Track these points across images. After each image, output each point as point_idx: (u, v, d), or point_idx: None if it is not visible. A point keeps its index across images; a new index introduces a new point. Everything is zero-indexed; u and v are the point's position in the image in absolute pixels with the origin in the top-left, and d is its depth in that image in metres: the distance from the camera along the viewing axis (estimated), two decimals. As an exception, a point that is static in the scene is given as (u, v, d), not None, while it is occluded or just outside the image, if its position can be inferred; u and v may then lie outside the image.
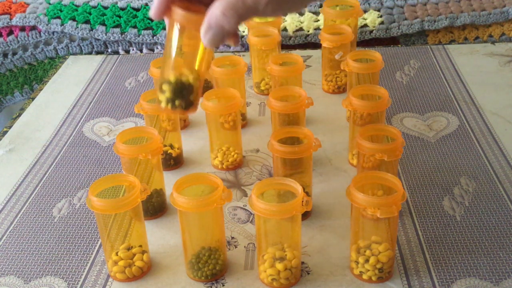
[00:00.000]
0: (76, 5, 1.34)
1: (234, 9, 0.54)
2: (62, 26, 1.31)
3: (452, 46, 1.22)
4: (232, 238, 0.76)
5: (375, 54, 0.94)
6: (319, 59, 1.18)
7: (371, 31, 1.28)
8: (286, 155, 0.74)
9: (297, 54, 0.99)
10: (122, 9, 1.33)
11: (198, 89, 0.62)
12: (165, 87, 0.61)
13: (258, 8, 0.55)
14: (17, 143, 0.99)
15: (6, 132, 1.02)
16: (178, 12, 0.58)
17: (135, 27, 1.30)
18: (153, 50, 1.33)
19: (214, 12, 0.55)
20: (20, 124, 1.04)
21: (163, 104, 0.61)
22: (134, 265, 0.71)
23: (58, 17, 1.32)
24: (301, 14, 1.30)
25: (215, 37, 0.56)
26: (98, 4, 1.34)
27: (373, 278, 0.68)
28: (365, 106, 0.83)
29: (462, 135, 0.94)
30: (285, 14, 0.58)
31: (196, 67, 0.62)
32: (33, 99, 1.12)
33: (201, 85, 0.62)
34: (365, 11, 1.31)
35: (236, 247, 0.75)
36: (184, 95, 0.61)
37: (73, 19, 1.31)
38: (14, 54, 1.36)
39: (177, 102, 0.61)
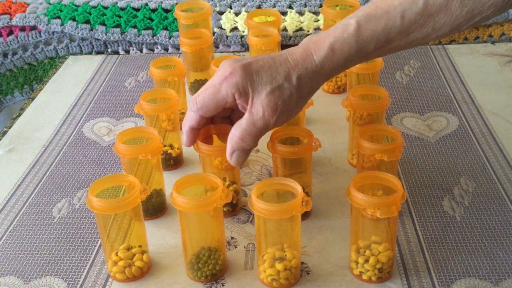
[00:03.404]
0: (76, 5, 1.34)
1: (249, 133, 0.66)
2: (62, 26, 1.31)
3: (452, 46, 1.22)
4: (232, 238, 0.76)
5: (375, 54, 0.94)
6: (319, 59, 1.18)
7: (371, 31, 1.28)
8: (286, 155, 0.74)
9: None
10: (122, 9, 1.33)
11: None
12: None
13: (268, 126, 0.66)
14: (17, 143, 0.99)
15: (6, 132, 1.02)
16: (201, 148, 0.73)
17: (135, 27, 1.30)
18: (153, 50, 1.33)
19: (234, 139, 0.67)
20: (20, 124, 1.04)
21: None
22: (134, 265, 0.71)
23: (58, 17, 1.32)
24: (301, 14, 1.30)
25: (239, 158, 0.68)
26: (98, 4, 1.33)
27: (373, 278, 0.68)
28: (365, 106, 0.83)
29: (462, 135, 0.94)
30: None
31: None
32: (33, 99, 1.12)
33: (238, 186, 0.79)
34: (365, 11, 1.31)
35: (236, 247, 0.75)
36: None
37: (73, 19, 1.31)
38: (14, 54, 1.36)
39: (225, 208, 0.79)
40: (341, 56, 0.66)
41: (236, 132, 0.67)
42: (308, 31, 1.28)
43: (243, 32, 1.29)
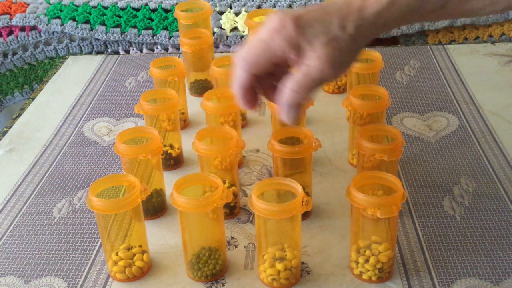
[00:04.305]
0: (76, 5, 1.34)
1: (303, 85, 0.60)
2: (62, 26, 1.31)
3: (452, 46, 1.22)
4: (232, 238, 0.76)
5: (375, 54, 0.94)
6: (319, 59, 1.18)
7: (371, 31, 1.28)
8: (286, 155, 0.74)
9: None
10: (122, 9, 1.33)
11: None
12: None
13: (324, 79, 0.61)
14: (17, 143, 0.99)
15: (6, 132, 1.02)
16: (199, 148, 0.74)
17: (135, 27, 1.30)
18: (153, 50, 1.33)
19: (287, 92, 0.61)
20: (20, 124, 1.04)
21: None
22: (134, 265, 0.71)
23: (58, 17, 1.32)
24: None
25: (295, 114, 0.62)
26: (98, 4, 1.34)
27: (373, 278, 0.68)
28: (365, 106, 0.83)
29: (462, 135, 0.94)
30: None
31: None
32: (33, 99, 1.12)
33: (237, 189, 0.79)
34: (365, 11, 1.31)
35: (236, 247, 0.75)
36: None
37: (73, 19, 1.31)
38: (14, 54, 1.36)
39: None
40: (399, 9, 0.62)
41: (290, 85, 0.61)
42: (308, 31, 1.28)
43: (243, 32, 1.29)
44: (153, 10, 1.33)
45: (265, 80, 0.65)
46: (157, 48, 1.33)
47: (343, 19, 0.61)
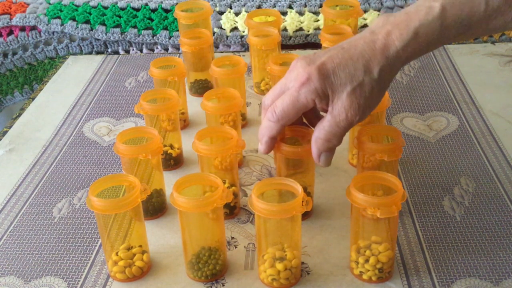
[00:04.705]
0: (76, 5, 1.34)
1: (333, 134, 0.65)
2: (62, 26, 1.31)
3: (452, 46, 1.22)
4: (232, 238, 0.76)
5: (375, 54, 0.94)
6: (319, 59, 1.18)
7: (371, 31, 1.28)
8: (290, 155, 0.73)
9: (297, 54, 0.99)
10: (122, 9, 1.33)
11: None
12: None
13: (352, 125, 0.65)
14: (17, 143, 0.99)
15: (6, 132, 1.02)
16: (199, 148, 0.74)
17: (135, 27, 1.30)
18: (153, 50, 1.33)
19: (318, 141, 0.66)
20: (20, 124, 1.04)
21: None
22: (134, 265, 0.71)
23: (58, 17, 1.32)
24: (301, 14, 1.30)
25: (327, 158, 0.68)
26: (98, 4, 1.33)
27: (373, 278, 0.68)
28: (365, 106, 0.83)
29: (462, 135, 0.94)
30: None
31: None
32: (33, 99, 1.12)
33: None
34: (365, 11, 1.31)
35: (236, 247, 0.75)
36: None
37: (73, 19, 1.31)
38: (14, 54, 1.36)
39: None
40: (424, 41, 0.62)
41: (320, 134, 0.66)
42: (308, 31, 1.28)
43: (243, 32, 1.29)
44: (153, 10, 1.33)
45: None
46: (157, 48, 1.33)
47: (367, 63, 0.62)
